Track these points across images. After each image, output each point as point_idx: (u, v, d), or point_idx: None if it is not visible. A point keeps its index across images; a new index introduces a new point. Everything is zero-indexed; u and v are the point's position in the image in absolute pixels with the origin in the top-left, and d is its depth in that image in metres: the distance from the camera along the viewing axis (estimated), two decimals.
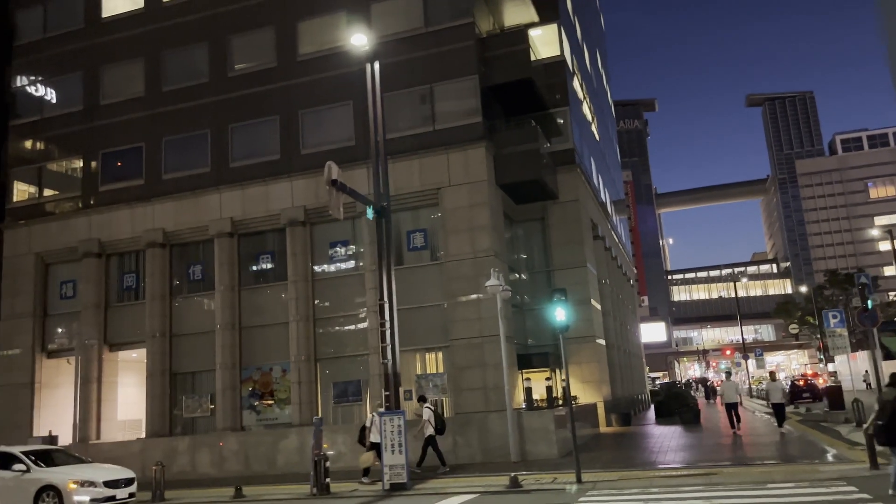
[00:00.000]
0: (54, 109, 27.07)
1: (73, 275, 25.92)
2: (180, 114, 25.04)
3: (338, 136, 23.06)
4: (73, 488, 11.64)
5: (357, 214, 22.34)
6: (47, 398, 25.62)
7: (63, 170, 26.77)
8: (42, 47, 27.75)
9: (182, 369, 23.92)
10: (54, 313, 26.16)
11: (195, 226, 24.07)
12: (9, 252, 26.46)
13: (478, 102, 21.57)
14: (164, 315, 24.06)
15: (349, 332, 22.18)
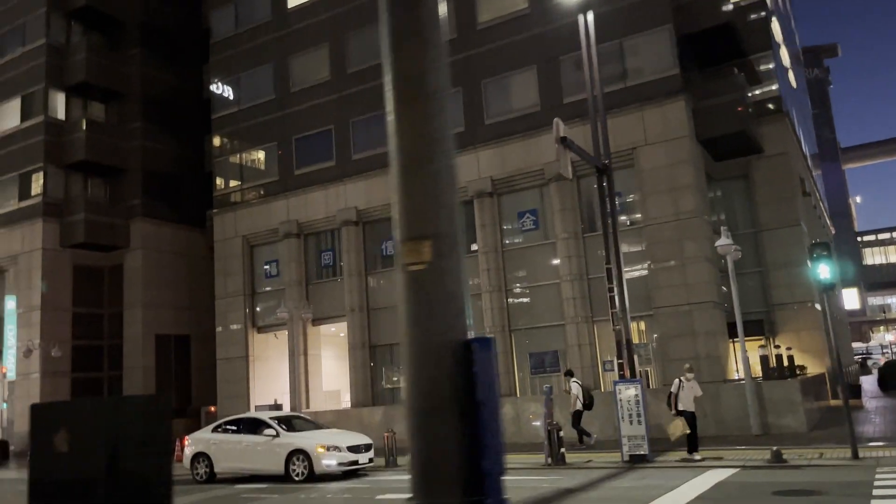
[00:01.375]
0: (249, 100, 28.79)
1: (276, 255, 27.61)
2: (365, 94, 25.65)
3: (522, 103, 22.56)
4: (320, 452, 12.20)
5: (545, 182, 21.82)
6: (260, 370, 27.62)
7: (261, 157, 28.47)
8: (235, 43, 29.57)
9: (380, 342, 24.74)
10: (261, 291, 28.08)
11: (386, 203, 24.59)
12: (219, 236, 28.67)
13: (673, 53, 20.15)
14: (362, 290, 24.96)
15: (543, 302, 21.76)
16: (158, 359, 30.03)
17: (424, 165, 2.99)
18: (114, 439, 4.57)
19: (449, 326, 2.90)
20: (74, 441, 4.76)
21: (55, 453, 4.74)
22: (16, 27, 31.19)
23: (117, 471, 4.52)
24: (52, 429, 4.83)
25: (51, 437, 4.76)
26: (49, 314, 28.06)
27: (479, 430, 2.75)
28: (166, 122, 31.78)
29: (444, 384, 2.80)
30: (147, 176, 30.77)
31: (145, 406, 4.91)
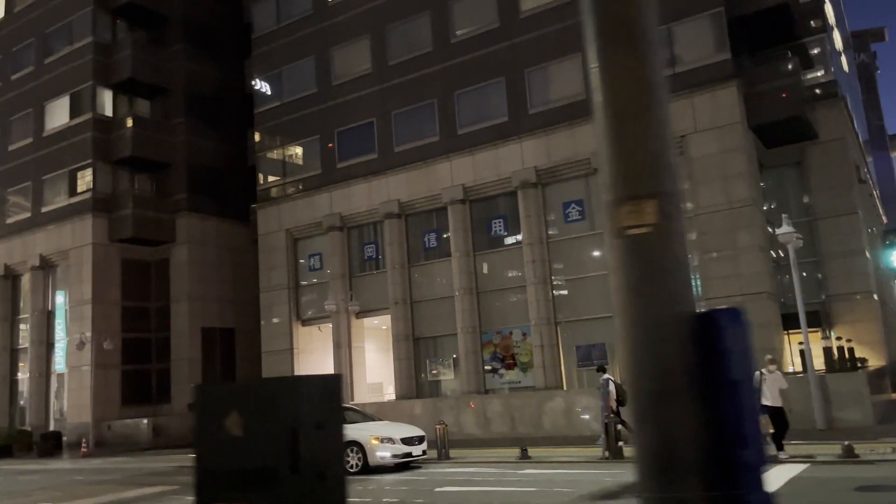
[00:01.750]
0: (291, 94, 28.90)
1: (319, 248, 27.73)
2: (407, 86, 25.56)
3: (567, 92, 22.20)
4: (374, 444, 12.15)
5: (591, 171, 21.46)
6: (304, 362, 27.79)
7: (304, 150, 28.57)
8: (276, 37, 29.69)
9: (424, 334, 24.68)
10: (305, 284, 28.24)
11: (428, 195, 24.55)
12: (263, 230, 28.88)
13: (725, 37, 19.61)
14: (405, 282, 24.91)
15: (589, 294, 21.43)
16: (204, 351, 30.46)
17: (641, 115, 2.76)
18: (293, 422, 4.32)
19: (678, 297, 2.66)
20: (250, 425, 4.45)
21: (227, 438, 4.51)
22: (63, 26, 31.79)
23: (298, 457, 4.35)
24: (221, 412, 4.62)
25: (220, 421, 4.56)
26: (99, 308, 28.63)
27: (732, 415, 2.51)
28: (210, 117, 32.13)
29: (677, 363, 2.56)
30: (192, 171, 31.16)
31: (321, 387, 4.74)
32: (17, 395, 31.95)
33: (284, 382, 5.26)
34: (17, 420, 31.41)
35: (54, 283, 31.07)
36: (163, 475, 14.91)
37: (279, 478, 4.31)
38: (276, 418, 4.41)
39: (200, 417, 4.81)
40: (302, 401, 4.48)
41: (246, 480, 4.41)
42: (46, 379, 30.40)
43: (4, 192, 32.91)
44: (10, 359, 32.02)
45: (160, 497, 11.44)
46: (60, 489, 13.62)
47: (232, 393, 5.19)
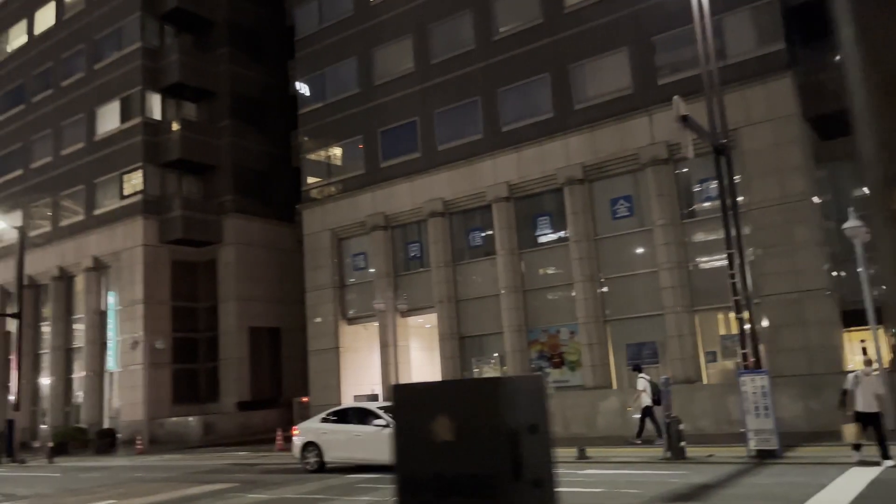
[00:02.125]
0: (334, 95, 29.08)
1: (363, 247, 27.85)
2: (449, 84, 25.50)
3: (614, 86, 21.88)
4: None
5: (639, 167, 21.13)
6: (349, 361, 27.97)
7: (347, 150, 28.72)
8: (319, 38, 29.90)
9: (469, 332, 24.61)
10: (350, 283, 28.40)
11: (472, 193, 24.46)
12: (308, 230, 29.14)
13: (778, 27, 19.09)
14: (450, 281, 24.86)
15: (639, 292, 21.10)
16: (252, 350, 30.88)
17: None
18: (513, 426, 3.99)
19: None
20: (462, 428, 4.13)
21: (433, 442, 4.15)
22: (112, 32, 32.52)
23: (520, 463, 4.07)
24: (427, 414, 4.25)
25: (425, 424, 4.27)
26: (150, 308, 29.23)
27: None
28: (254, 120, 32.54)
29: None
30: (237, 172, 31.60)
31: (531, 387, 4.48)
32: (72, 394, 32.81)
33: (497, 383, 4.69)
34: (72, 418, 32.26)
35: (107, 284, 31.82)
36: (220, 472, 15.12)
37: (498, 486, 4.00)
38: (493, 421, 4.08)
39: (400, 419, 4.52)
40: (518, 402, 4.17)
41: (459, 488, 4.12)
42: (100, 378, 31.15)
43: (58, 195, 33.82)
44: (66, 358, 32.90)
45: (223, 494, 11.58)
46: (124, 486, 13.89)
47: (436, 393, 4.80)
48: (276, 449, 18.99)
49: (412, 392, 5.05)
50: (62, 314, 33.14)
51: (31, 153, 35.61)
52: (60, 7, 35.54)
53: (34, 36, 36.72)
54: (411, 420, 4.45)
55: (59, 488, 14.53)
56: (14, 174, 36.28)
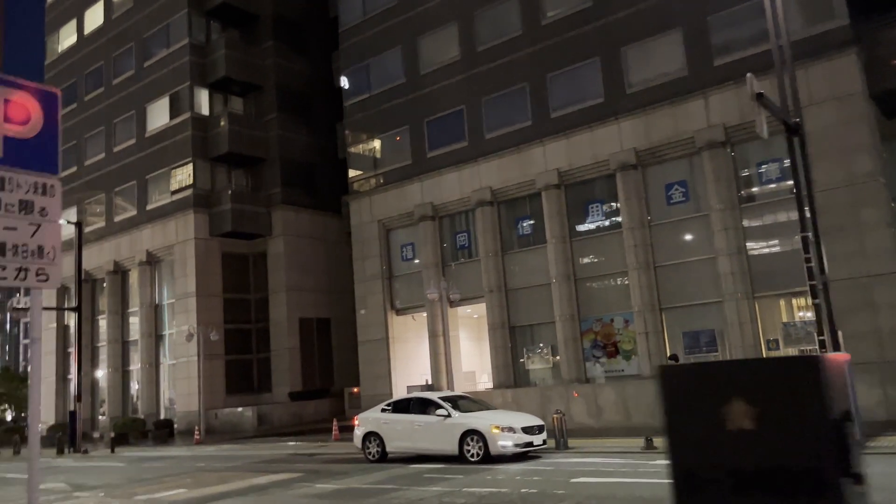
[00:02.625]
0: (380, 85, 29.02)
1: (411, 238, 27.82)
2: (496, 71, 25.21)
3: (667, 68, 21.34)
4: (495, 433, 12.00)
5: (695, 151, 20.61)
6: (399, 351, 28.03)
7: (393, 141, 28.66)
8: (363, 29, 29.85)
9: (520, 322, 24.40)
10: (398, 274, 28.42)
11: (521, 181, 24.19)
12: (356, 221, 29.22)
13: (842, 1, 18.35)
14: (499, 270, 24.67)
15: (696, 279, 20.62)
16: (302, 341, 31.19)
17: None
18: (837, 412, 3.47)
19: None
20: (767, 415, 3.53)
21: (727, 432, 3.58)
22: (160, 30, 32.99)
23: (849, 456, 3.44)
24: (714, 399, 3.67)
25: (714, 410, 3.66)
26: (203, 300, 29.71)
27: None
28: (301, 112, 32.73)
29: None
30: (285, 165, 31.85)
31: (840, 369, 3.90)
32: (128, 385, 33.61)
33: (816, 363, 3.91)
34: (129, 409, 33.05)
35: (160, 278, 32.44)
36: (282, 462, 15.26)
37: (824, 481, 3.50)
38: (813, 407, 3.55)
39: (674, 405, 3.92)
40: (835, 385, 3.64)
41: (764, 483, 3.59)
42: (156, 369, 31.82)
43: (112, 191, 34.55)
44: (122, 351, 33.68)
45: (290, 484, 11.65)
46: (190, 476, 14.10)
47: (730, 375, 4.09)
48: (333, 439, 19.11)
49: (692, 374, 4.41)
50: (118, 308, 33.92)
51: (85, 150, 36.45)
52: (109, 6, 36.19)
53: (84, 35, 37.49)
54: (691, 406, 3.89)
55: (126, 478, 14.82)
56: (69, 171, 37.19)
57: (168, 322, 31.78)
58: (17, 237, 4.76)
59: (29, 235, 4.85)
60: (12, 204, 4.75)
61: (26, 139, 4.81)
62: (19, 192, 4.81)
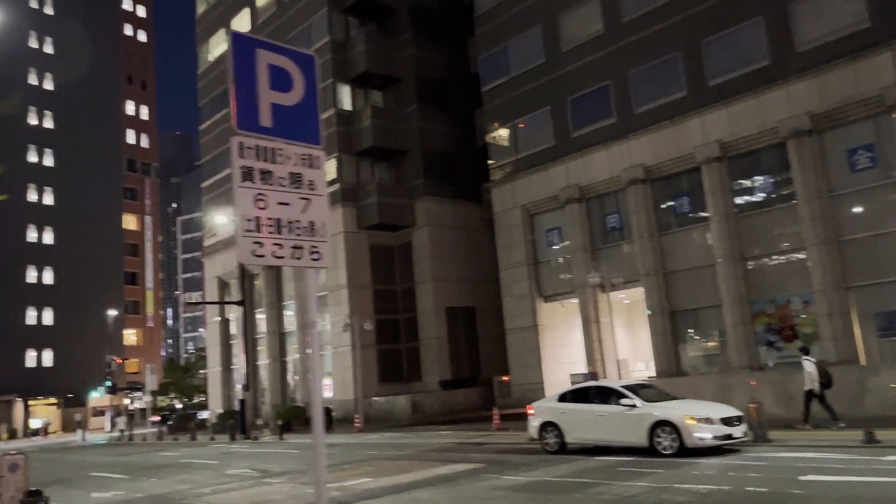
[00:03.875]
0: (518, 68, 28.36)
1: (557, 222, 27.03)
2: (644, 42, 23.85)
3: (844, 21, 19.19)
4: (691, 424, 11.14)
5: (883, 110, 18.41)
6: (548, 339, 27.37)
7: (535, 123, 27.92)
8: (499, 12, 29.27)
9: (681, 306, 23.04)
10: (544, 260, 27.75)
11: (677, 156, 22.77)
12: (498, 208, 28.81)
13: None
14: (655, 252, 23.40)
15: (889, 253, 18.44)
16: (449, 330, 31.28)
17: None
18: None
19: None
20: None
21: None
22: (302, 30, 34.05)
23: None
24: None
25: None
26: (354, 291, 30.47)
27: None
28: (439, 101, 32.75)
29: None
30: (426, 156, 32.00)
31: None
32: (286, 375, 35.17)
33: None
34: (288, 397, 34.59)
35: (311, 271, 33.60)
36: (451, 451, 15.11)
37: None
38: None
39: None
40: None
41: None
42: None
43: None
44: (279, 342, 35.28)
45: (475, 475, 11.36)
46: (369, 464, 14.22)
47: None
48: (495, 428, 18.82)
49: None
50: (273, 300, 35.53)
51: None
52: (254, 13, 37.85)
53: None
54: None
55: (306, 465, 15.21)
56: (223, 173, 39.36)
57: (322, 314, 32.90)
58: (290, 213, 4.55)
59: (300, 211, 4.63)
60: (283, 178, 4.53)
61: (290, 107, 4.61)
62: (289, 164, 4.60)
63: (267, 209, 4.34)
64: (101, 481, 16.00)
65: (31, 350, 56.80)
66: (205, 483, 13.75)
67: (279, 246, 4.34)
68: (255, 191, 4.33)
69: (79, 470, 19.56)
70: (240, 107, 4.22)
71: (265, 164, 4.42)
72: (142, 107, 76.11)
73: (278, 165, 4.49)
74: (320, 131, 4.80)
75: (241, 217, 4.17)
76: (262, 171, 4.38)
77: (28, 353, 56.59)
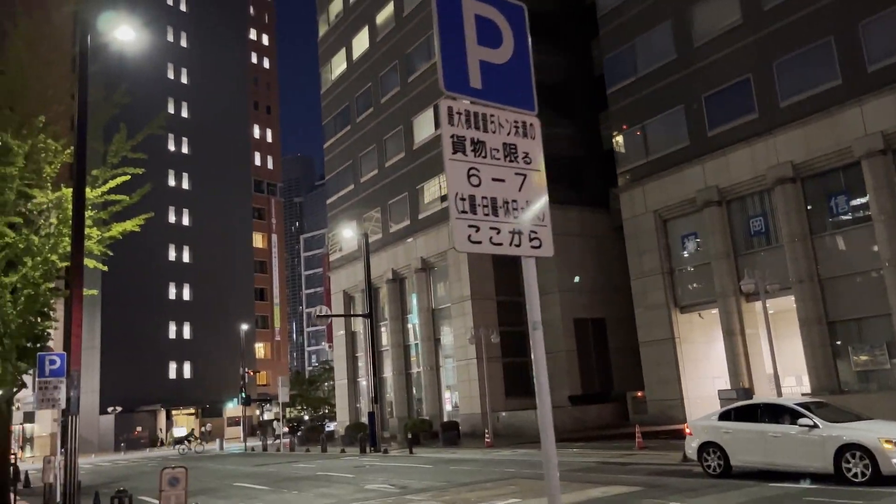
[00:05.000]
0: (647, 66, 27.03)
1: (693, 227, 25.42)
2: (791, 28, 21.99)
3: None
4: (889, 449, 9.69)
5: None
6: (688, 352, 25.69)
7: (666, 123, 26.44)
8: (625, 9, 28.08)
9: (840, 316, 20.90)
10: (679, 268, 26.15)
11: (832, 150, 20.75)
12: (627, 214, 27.48)
13: None
14: (808, 257, 21.38)
15: None
16: (578, 342, 30.14)
17: None
18: None
19: None
20: None
21: None
22: (422, 43, 34.07)
23: None
24: None
25: None
26: (477, 304, 29.98)
27: None
28: (560, 106, 31.85)
29: None
30: (550, 162, 30.21)
31: None
32: (411, 388, 35.15)
33: None
34: (413, 410, 34.51)
35: (435, 283, 33.49)
36: (597, 472, 14.14)
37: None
38: None
39: None
40: None
41: None
42: (436, 372, 32.83)
43: (387, 203, 36.55)
44: (404, 354, 35.34)
45: (635, 500, 10.41)
46: (509, 482, 13.54)
47: None
48: (636, 447, 17.60)
49: None
50: (397, 313, 35.67)
51: (360, 168, 39.08)
52: (373, 30, 38.50)
53: (353, 61, 40.32)
54: None
55: (444, 481, 14.74)
56: (346, 189, 40.19)
57: (445, 326, 32.65)
58: (506, 191, 4.00)
59: (517, 189, 4.08)
60: (496, 149, 4.00)
61: (500, 66, 4.09)
62: (501, 133, 4.07)
63: (481, 186, 3.76)
64: (245, 492, 16.19)
65: (173, 362, 60.36)
66: (346, 498, 13.52)
67: (496, 231, 3.74)
68: (467, 164, 3.76)
69: (222, 479, 20.04)
70: (446, 63, 3.69)
71: (477, 132, 3.85)
72: (267, 130, 79.75)
73: (491, 134, 3.91)
74: (534, 95, 4.20)
75: (454, 196, 3.60)
76: (473, 140, 3.82)
77: (170, 365, 60.17)
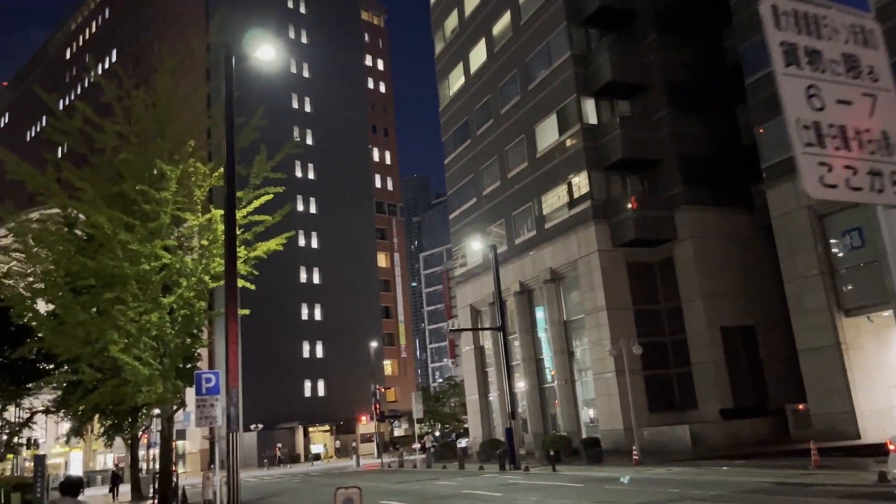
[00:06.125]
0: None
1: (858, 221, 22.99)
2: None
3: None
4: None
5: None
6: (857, 360, 23.22)
7: None
8: None
9: None
10: (843, 267, 23.76)
11: None
12: (776, 211, 25.37)
13: None
14: None
15: None
16: (726, 352, 28.12)
17: None
18: None
19: None
20: None
21: None
22: (540, 50, 33.50)
23: None
24: None
25: None
26: (613, 314, 28.66)
27: None
28: (691, 103, 30.17)
29: None
30: (683, 162, 29.51)
31: None
32: (546, 402, 34.12)
33: None
34: (549, 425, 33.43)
35: (565, 294, 32.44)
36: (777, 494, 12.73)
37: None
38: None
39: None
40: None
41: None
42: (572, 386, 31.67)
43: (511, 215, 35.94)
44: (536, 368, 34.41)
45: None
46: None
47: None
48: (813, 465, 15.85)
49: None
50: (527, 326, 34.84)
51: (482, 181, 38.76)
52: (490, 42, 38.24)
53: (471, 75, 40.21)
54: None
55: (604, 502, 13.79)
56: (469, 203, 39.96)
57: (578, 338, 31.50)
58: (856, 117, 3.26)
59: (867, 114, 3.33)
60: (835, 61, 3.28)
61: None
62: (838, 40, 3.35)
63: (825, 110, 3.01)
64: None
65: (308, 380, 62.37)
66: None
67: (851, 171, 2.97)
68: (805, 81, 3.04)
69: (368, 497, 19.90)
70: None
71: (810, 39, 3.11)
72: (385, 152, 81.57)
73: (826, 42, 3.17)
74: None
75: (793, 123, 2.88)
76: (807, 49, 3.09)
77: (305, 384, 62.22)
